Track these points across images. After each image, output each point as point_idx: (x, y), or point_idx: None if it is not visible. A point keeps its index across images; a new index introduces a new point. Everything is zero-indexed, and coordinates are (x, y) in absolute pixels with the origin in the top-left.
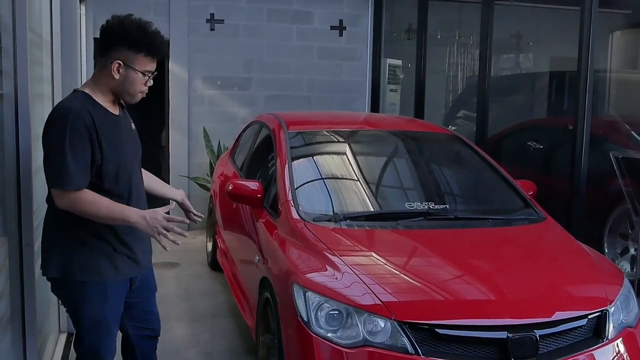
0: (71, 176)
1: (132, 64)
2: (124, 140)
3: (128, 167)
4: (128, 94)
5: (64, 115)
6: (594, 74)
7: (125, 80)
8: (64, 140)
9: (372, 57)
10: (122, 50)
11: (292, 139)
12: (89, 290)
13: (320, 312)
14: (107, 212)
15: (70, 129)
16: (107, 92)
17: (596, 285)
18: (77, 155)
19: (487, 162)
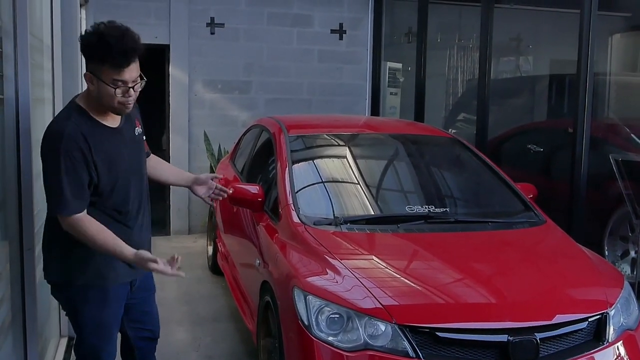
0: (67, 202)
1: (100, 75)
2: (122, 152)
3: (125, 180)
4: (108, 106)
5: (57, 139)
6: (594, 76)
7: (99, 92)
8: (59, 167)
9: (372, 61)
10: (90, 62)
11: (293, 142)
12: (89, 293)
13: (321, 315)
14: (100, 244)
15: (64, 154)
16: (92, 104)
17: (596, 288)
18: (72, 181)
19: (487, 165)
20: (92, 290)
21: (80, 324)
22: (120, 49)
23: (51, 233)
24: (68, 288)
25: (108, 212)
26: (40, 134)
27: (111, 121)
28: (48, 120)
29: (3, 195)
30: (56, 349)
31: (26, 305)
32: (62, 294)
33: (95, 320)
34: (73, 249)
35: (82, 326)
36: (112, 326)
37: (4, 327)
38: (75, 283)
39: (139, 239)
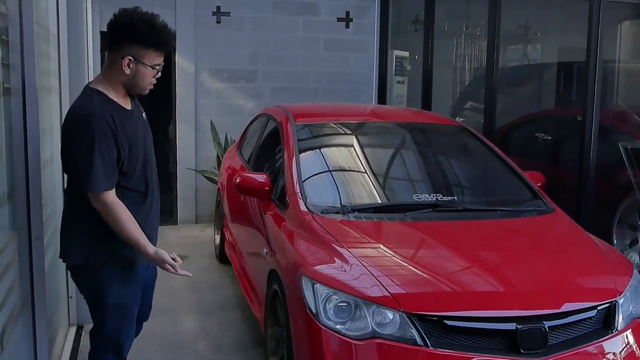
0: (102, 179)
1: (142, 59)
2: (140, 134)
3: (144, 161)
4: (138, 88)
5: (89, 119)
6: (603, 64)
7: (135, 74)
8: (92, 145)
9: (379, 49)
10: (132, 46)
11: (300, 131)
12: (112, 275)
13: (328, 304)
14: (124, 230)
15: (97, 133)
16: (119, 87)
17: (605, 277)
18: (105, 159)
19: (495, 153)
20: (115, 271)
21: (101, 305)
22: (168, 35)
23: (75, 215)
24: (90, 270)
25: (130, 193)
26: (48, 123)
27: (125, 104)
28: (55, 110)
29: (11, 185)
30: (65, 337)
31: (35, 293)
32: (84, 277)
33: (117, 302)
34: (96, 233)
35: (103, 308)
36: (133, 308)
37: (13, 316)
38: (100, 264)
39: (152, 223)
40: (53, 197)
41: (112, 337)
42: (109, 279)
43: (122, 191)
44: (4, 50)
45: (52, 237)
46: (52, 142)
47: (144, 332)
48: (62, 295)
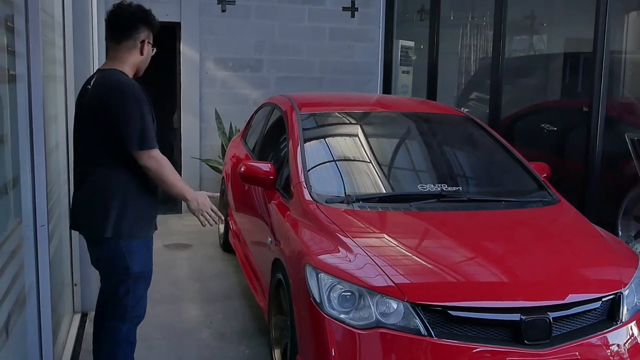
0: (152, 137)
1: (150, 40)
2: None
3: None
4: (143, 68)
5: (130, 87)
6: (610, 55)
7: (147, 56)
8: (140, 108)
9: (384, 39)
10: (146, 31)
11: (305, 120)
12: (137, 245)
13: (332, 293)
14: (174, 180)
15: (140, 98)
16: (132, 70)
17: (610, 268)
18: (149, 120)
19: (501, 144)
20: (140, 241)
21: (129, 275)
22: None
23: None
24: (118, 241)
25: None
26: (53, 110)
27: None
28: (60, 98)
29: (16, 172)
30: (70, 324)
31: (40, 281)
32: (111, 249)
33: (143, 270)
34: (123, 203)
35: (131, 277)
36: (150, 277)
37: (19, 303)
38: (125, 235)
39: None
40: (58, 184)
41: (132, 307)
42: (135, 249)
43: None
44: (9, 38)
45: (57, 224)
46: (57, 130)
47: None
48: (66, 282)
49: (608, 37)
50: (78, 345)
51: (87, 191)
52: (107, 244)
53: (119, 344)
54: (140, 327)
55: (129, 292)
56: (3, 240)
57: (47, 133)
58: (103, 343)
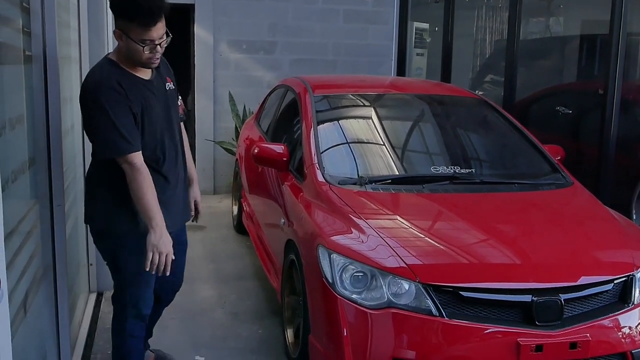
0: (126, 142)
1: (129, 33)
2: (153, 102)
3: (159, 130)
4: (136, 62)
5: (96, 89)
6: (627, 37)
7: (128, 48)
8: (105, 112)
9: (398, 21)
10: (119, 19)
11: (318, 102)
12: (131, 242)
13: (345, 273)
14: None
15: (106, 100)
16: (125, 59)
17: (623, 250)
18: (122, 122)
19: (515, 126)
20: (136, 238)
21: (121, 272)
22: (147, 9)
23: (97, 181)
24: (112, 236)
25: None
26: (68, 92)
27: (142, 73)
28: (75, 79)
29: (33, 153)
30: (86, 303)
31: (56, 260)
32: (106, 243)
33: (136, 270)
34: (116, 198)
35: (122, 273)
36: (151, 277)
37: (36, 282)
38: (119, 231)
39: (174, 193)
40: (74, 164)
41: (131, 303)
42: (128, 246)
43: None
44: (25, 19)
45: (73, 204)
46: (73, 111)
47: None
48: (82, 262)
49: (625, 18)
50: (94, 324)
51: (87, 181)
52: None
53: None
54: None
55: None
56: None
57: (63, 114)
58: None
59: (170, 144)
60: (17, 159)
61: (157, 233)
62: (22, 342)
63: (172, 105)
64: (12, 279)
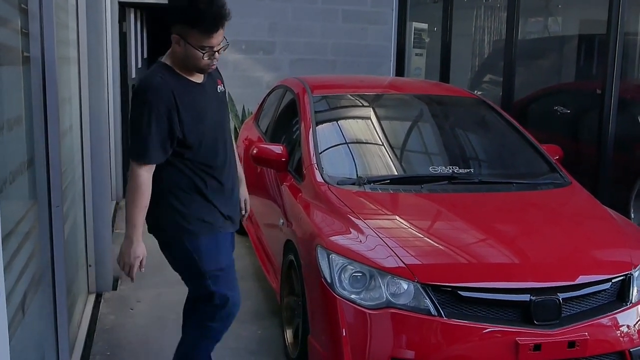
0: (150, 151)
1: (188, 39)
2: (207, 107)
3: (212, 134)
4: (193, 67)
5: (145, 92)
6: (624, 36)
7: (186, 54)
8: (146, 117)
9: (397, 21)
10: (179, 24)
11: (317, 102)
12: (203, 243)
13: (344, 274)
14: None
15: (149, 106)
16: (178, 64)
17: (621, 250)
18: (157, 131)
19: (513, 126)
20: (204, 237)
21: (202, 274)
22: (211, 16)
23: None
24: (181, 240)
25: (199, 166)
26: (67, 92)
27: (195, 77)
28: (74, 80)
29: (31, 154)
30: (84, 304)
31: (55, 261)
32: (177, 250)
33: (215, 266)
34: (181, 200)
35: (205, 276)
36: (230, 271)
37: (34, 283)
38: (188, 234)
39: (230, 196)
40: (72, 165)
41: (221, 305)
42: (200, 248)
43: (189, 164)
44: (23, 20)
45: (71, 205)
46: (72, 112)
47: (162, 300)
48: (81, 263)
49: (622, 18)
50: (93, 325)
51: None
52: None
53: None
54: (155, 307)
55: (214, 294)
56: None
57: (61, 115)
58: None
59: (222, 147)
60: (15, 160)
61: (127, 242)
62: (20, 344)
63: (223, 107)
64: (11, 280)
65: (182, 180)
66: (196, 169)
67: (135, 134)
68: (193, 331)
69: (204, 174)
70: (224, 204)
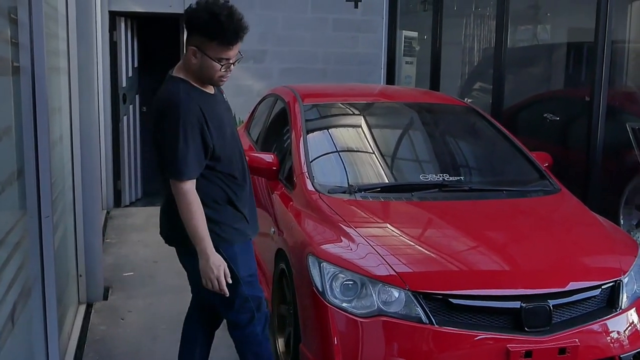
0: (189, 167)
1: (206, 51)
2: (224, 118)
3: (231, 144)
4: (207, 79)
5: (175, 108)
6: (612, 44)
7: (202, 66)
8: (178, 134)
9: (387, 29)
10: (197, 36)
11: (307, 111)
12: (237, 249)
13: (335, 282)
14: (194, 224)
15: (183, 122)
16: (195, 78)
17: (610, 256)
18: (192, 147)
19: (503, 133)
20: (238, 245)
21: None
22: (232, 29)
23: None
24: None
25: (228, 177)
26: (57, 102)
27: (208, 89)
28: (64, 90)
29: (21, 164)
30: (75, 315)
31: (45, 272)
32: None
33: (248, 272)
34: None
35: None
36: (256, 275)
37: (24, 293)
38: (224, 243)
39: (251, 203)
40: (62, 176)
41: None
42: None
43: (219, 176)
44: (13, 30)
45: (61, 215)
46: (62, 122)
47: (153, 310)
48: (72, 273)
49: (609, 26)
50: (83, 336)
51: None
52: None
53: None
54: (146, 317)
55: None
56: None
57: (51, 125)
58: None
59: (240, 156)
60: (4, 170)
61: (204, 258)
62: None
63: (232, 117)
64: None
65: (214, 191)
66: (226, 180)
67: (173, 152)
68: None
69: (232, 184)
70: (247, 211)
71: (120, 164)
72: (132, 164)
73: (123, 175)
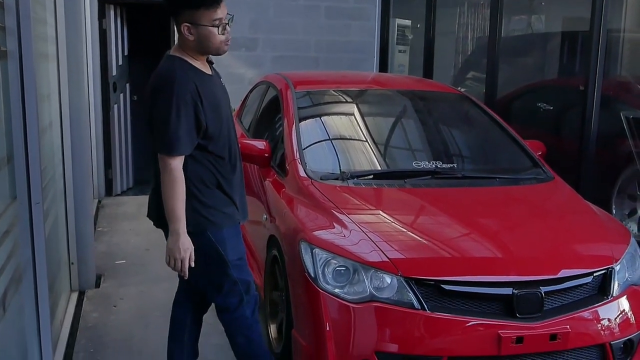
0: (179, 143)
1: (198, 21)
2: (220, 99)
3: (227, 125)
4: (211, 49)
5: (170, 84)
6: (607, 33)
7: (200, 38)
8: (170, 109)
9: (380, 17)
10: (183, 12)
11: (300, 98)
12: (225, 232)
13: (327, 268)
14: (173, 203)
15: (176, 97)
16: (195, 54)
17: (602, 244)
18: (184, 123)
19: (496, 121)
20: (227, 229)
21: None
22: None
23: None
24: (204, 233)
25: (219, 160)
26: (46, 89)
27: (206, 69)
28: (52, 76)
29: (10, 151)
30: (67, 302)
31: (36, 259)
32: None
33: (236, 255)
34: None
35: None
36: (245, 259)
37: (14, 282)
38: (212, 226)
39: (241, 188)
40: (53, 163)
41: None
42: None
43: (208, 157)
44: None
45: (52, 202)
46: (51, 108)
47: (146, 297)
48: (63, 261)
49: (605, 15)
50: (76, 323)
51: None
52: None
53: None
54: (138, 305)
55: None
56: None
57: (41, 111)
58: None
59: (234, 139)
60: None
61: (174, 237)
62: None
63: (229, 101)
64: None
65: (204, 174)
66: (216, 164)
67: (165, 127)
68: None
69: (222, 167)
70: (237, 196)
71: (111, 153)
72: (123, 153)
73: (114, 164)
